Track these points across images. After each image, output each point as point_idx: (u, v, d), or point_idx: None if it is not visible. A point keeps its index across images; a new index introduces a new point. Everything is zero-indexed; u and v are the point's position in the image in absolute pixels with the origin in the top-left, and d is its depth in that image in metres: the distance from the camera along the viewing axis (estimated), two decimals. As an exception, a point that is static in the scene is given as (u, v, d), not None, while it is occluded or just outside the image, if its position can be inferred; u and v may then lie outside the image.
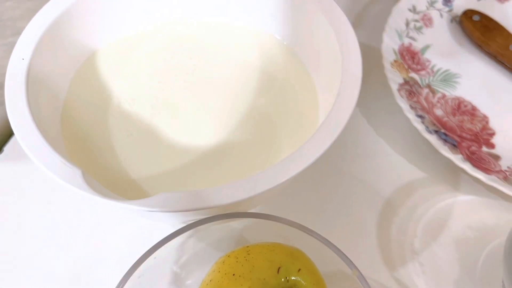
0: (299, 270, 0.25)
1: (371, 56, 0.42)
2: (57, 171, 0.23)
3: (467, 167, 0.33)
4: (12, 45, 0.29)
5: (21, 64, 0.28)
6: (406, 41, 0.41)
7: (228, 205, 0.23)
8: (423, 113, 0.36)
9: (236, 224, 0.28)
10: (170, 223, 0.31)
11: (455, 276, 0.31)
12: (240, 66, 0.35)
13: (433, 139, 0.34)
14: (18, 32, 0.45)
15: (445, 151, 0.33)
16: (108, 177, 0.28)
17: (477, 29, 0.41)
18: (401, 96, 0.36)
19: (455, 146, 0.34)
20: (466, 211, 0.34)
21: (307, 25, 0.33)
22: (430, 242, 0.33)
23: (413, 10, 0.42)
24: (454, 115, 0.38)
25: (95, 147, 0.30)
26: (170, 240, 0.26)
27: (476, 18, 0.42)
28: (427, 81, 0.40)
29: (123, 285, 0.24)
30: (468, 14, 0.42)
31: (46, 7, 0.31)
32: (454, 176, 0.35)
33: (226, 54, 0.35)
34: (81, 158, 0.29)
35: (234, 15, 0.36)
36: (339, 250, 0.25)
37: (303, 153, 0.24)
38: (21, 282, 0.31)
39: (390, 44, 0.39)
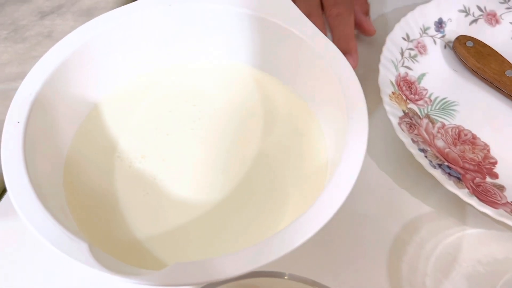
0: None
1: (369, 88, 0.42)
2: (62, 245, 0.22)
3: (474, 202, 0.32)
4: (1, 93, 0.28)
5: (17, 128, 0.27)
6: (402, 71, 0.41)
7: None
8: (425, 146, 0.36)
9: (246, 281, 0.27)
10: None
11: (469, 315, 0.31)
12: (242, 109, 0.34)
13: (438, 174, 0.34)
14: (7, 79, 0.44)
15: (451, 186, 0.33)
16: (115, 239, 0.28)
17: (472, 56, 0.41)
18: (402, 130, 0.36)
19: (459, 180, 0.34)
20: (475, 245, 0.34)
21: (306, 66, 0.33)
22: (442, 279, 0.32)
23: (407, 38, 0.42)
24: (455, 145, 0.38)
25: (101, 207, 0.29)
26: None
27: (469, 44, 0.42)
28: (425, 111, 0.40)
29: None
30: (461, 40, 0.42)
31: (40, 62, 0.30)
32: (460, 209, 0.35)
33: (227, 98, 0.35)
34: (85, 218, 0.28)
35: (231, 57, 0.36)
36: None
37: (317, 212, 0.24)
38: None
39: (386, 76, 0.39)
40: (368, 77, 0.42)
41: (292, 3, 0.33)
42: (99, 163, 0.30)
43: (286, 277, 0.27)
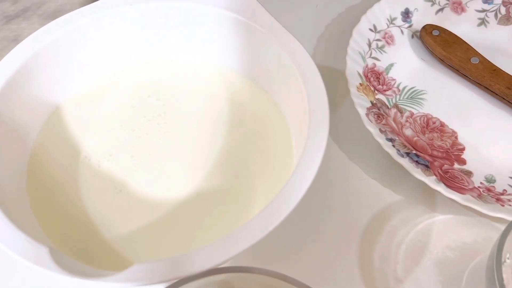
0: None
1: (338, 79, 0.42)
2: (21, 251, 0.22)
3: (441, 188, 0.33)
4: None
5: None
6: (370, 62, 0.41)
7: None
8: (393, 135, 0.36)
9: (216, 277, 0.27)
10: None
11: (440, 300, 0.31)
12: (209, 103, 0.34)
13: (405, 162, 0.34)
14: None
15: (418, 174, 0.33)
16: (83, 241, 0.27)
17: (438, 44, 0.42)
18: (370, 120, 0.36)
19: (427, 167, 0.35)
20: (444, 231, 0.34)
21: (269, 61, 0.33)
22: (413, 267, 0.33)
23: (374, 29, 0.43)
24: (423, 133, 0.38)
25: (68, 210, 0.29)
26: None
27: (436, 33, 0.42)
28: (394, 101, 0.40)
29: None
30: (428, 29, 0.43)
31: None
32: (430, 196, 0.35)
33: (193, 93, 0.35)
34: (51, 223, 0.28)
35: (196, 54, 0.36)
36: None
37: (281, 202, 0.24)
38: None
39: (354, 67, 0.39)
40: (336, 71, 0.43)
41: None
42: (65, 166, 0.30)
43: (256, 272, 0.27)
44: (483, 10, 0.45)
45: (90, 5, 0.33)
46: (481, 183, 0.35)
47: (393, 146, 0.35)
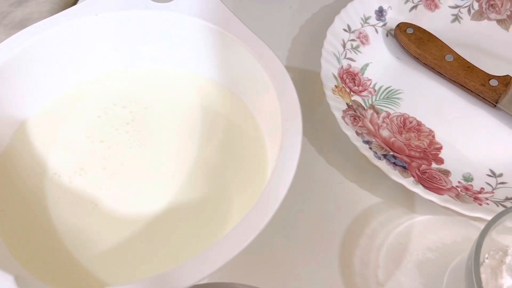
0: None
1: (314, 82, 0.42)
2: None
3: (419, 190, 0.33)
4: None
5: None
6: (345, 63, 0.41)
7: None
8: (369, 137, 0.36)
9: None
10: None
11: (421, 303, 0.31)
12: (182, 112, 0.34)
13: (382, 164, 0.34)
14: None
15: (396, 176, 0.33)
16: (54, 264, 0.27)
17: (412, 42, 0.42)
18: (346, 123, 0.36)
19: (405, 168, 0.34)
20: (424, 232, 0.34)
21: (242, 69, 0.32)
22: (394, 270, 0.33)
23: (349, 29, 0.42)
24: (400, 133, 0.38)
25: (37, 232, 0.28)
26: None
27: (410, 31, 0.42)
28: (370, 102, 0.40)
29: None
30: (402, 27, 0.43)
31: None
32: (408, 197, 0.35)
33: (165, 101, 0.34)
34: (20, 247, 0.27)
35: (168, 62, 0.35)
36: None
37: (257, 214, 0.23)
38: None
39: (329, 69, 0.39)
40: (312, 72, 0.42)
41: (223, 5, 0.32)
42: (33, 184, 0.29)
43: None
44: (456, 6, 0.45)
45: (54, 16, 0.32)
46: (459, 182, 0.35)
47: (370, 148, 0.35)
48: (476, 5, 0.44)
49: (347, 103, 0.38)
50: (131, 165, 0.30)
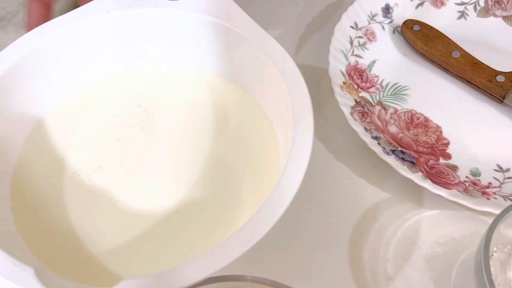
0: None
1: (321, 78, 0.42)
2: (5, 272, 0.22)
3: (427, 185, 0.33)
4: None
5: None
6: (353, 60, 0.41)
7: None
8: (378, 133, 0.36)
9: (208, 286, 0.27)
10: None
11: (431, 296, 0.32)
12: (193, 108, 0.34)
13: (391, 160, 0.34)
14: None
15: (404, 171, 0.34)
16: (70, 258, 0.27)
17: (419, 39, 0.42)
18: (354, 119, 0.36)
19: (413, 164, 0.35)
20: (432, 227, 0.34)
21: (251, 64, 0.32)
22: (403, 264, 0.33)
23: (355, 26, 0.42)
24: (408, 129, 0.38)
25: (53, 228, 0.28)
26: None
27: (416, 28, 0.42)
28: (378, 98, 0.40)
29: None
30: (408, 24, 0.43)
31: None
32: (417, 192, 0.36)
33: (176, 99, 0.35)
34: (37, 242, 0.27)
35: (177, 60, 0.36)
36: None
37: (266, 213, 0.24)
38: None
39: (337, 66, 0.39)
40: (320, 69, 0.43)
41: (233, 2, 0.33)
42: (52, 183, 0.30)
43: (248, 280, 0.27)
44: (462, 3, 0.45)
45: (67, 14, 0.32)
46: (466, 177, 0.35)
47: (379, 144, 0.35)
48: (482, 2, 0.45)
49: (355, 100, 0.38)
50: (147, 162, 0.31)
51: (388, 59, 0.43)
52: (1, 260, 0.22)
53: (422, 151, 0.37)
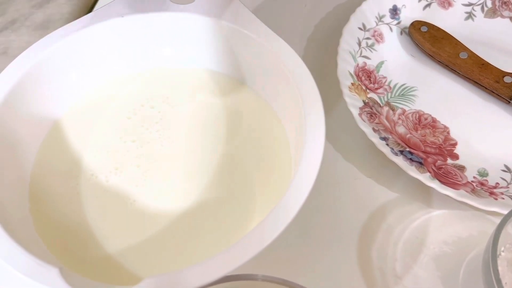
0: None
1: (330, 79, 0.43)
2: (31, 273, 0.23)
3: (435, 185, 0.33)
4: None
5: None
6: (361, 61, 0.41)
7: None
8: (386, 134, 0.37)
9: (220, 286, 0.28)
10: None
11: (439, 295, 0.32)
12: (205, 110, 0.35)
13: (399, 160, 0.35)
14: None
15: (413, 171, 0.34)
16: (89, 258, 0.28)
17: (427, 40, 0.42)
18: (363, 120, 0.36)
19: (421, 164, 0.35)
20: (440, 227, 0.35)
21: (261, 66, 0.33)
22: (411, 264, 0.33)
23: (364, 28, 0.43)
24: (416, 130, 0.39)
25: (72, 229, 0.29)
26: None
27: (424, 29, 0.43)
28: (386, 99, 0.40)
29: None
30: (416, 25, 0.43)
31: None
32: (425, 192, 0.36)
33: (188, 100, 0.35)
34: (56, 242, 0.28)
35: (189, 62, 0.36)
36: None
37: (280, 214, 0.24)
38: None
39: (345, 67, 0.40)
40: (328, 70, 0.43)
41: (242, 5, 0.33)
42: (69, 186, 0.30)
43: (259, 279, 0.27)
44: (470, 4, 0.45)
45: (81, 19, 0.33)
46: (474, 177, 0.36)
47: (387, 144, 0.36)
48: (489, 3, 0.45)
49: (363, 100, 0.39)
50: (162, 162, 0.31)
51: (396, 60, 0.43)
52: (26, 261, 0.23)
53: (430, 151, 0.37)
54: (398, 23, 0.45)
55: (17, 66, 0.31)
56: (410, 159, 0.35)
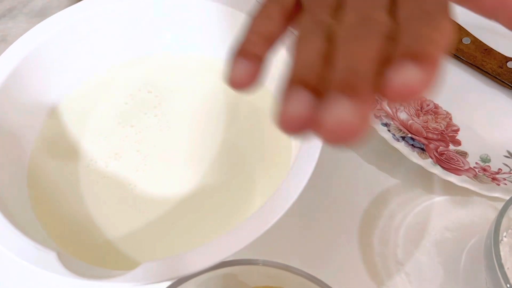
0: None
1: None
2: (29, 257, 0.22)
3: (437, 171, 0.33)
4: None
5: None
6: (362, 47, 0.41)
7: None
8: (388, 120, 0.37)
9: (221, 270, 0.28)
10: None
11: (440, 280, 0.32)
12: (205, 95, 0.34)
13: (401, 146, 0.34)
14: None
15: (415, 157, 0.34)
16: (85, 241, 0.28)
17: (429, 26, 0.42)
18: (365, 106, 0.36)
19: (423, 150, 0.35)
20: (442, 212, 0.35)
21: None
22: (412, 249, 0.33)
23: (365, 13, 0.42)
24: (418, 116, 0.39)
25: (71, 214, 0.29)
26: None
27: (426, 14, 0.42)
28: (387, 85, 0.40)
29: None
30: (418, 11, 0.43)
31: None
32: (427, 179, 0.36)
33: (187, 85, 0.35)
34: (55, 228, 0.28)
35: (189, 47, 0.36)
36: (324, 284, 0.25)
37: (279, 199, 0.24)
38: None
39: (347, 53, 0.39)
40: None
41: None
42: (68, 172, 0.30)
43: (260, 264, 0.27)
44: (473, -11, 0.45)
45: (79, 3, 0.32)
46: (476, 163, 0.36)
47: (389, 130, 0.35)
48: (492, -12, 0.44)
49: (365, 87, 0.38)
50: (162, 148, 0.31)
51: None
52: (25, 246, 0.23)
53: (432, 137, 0.37)
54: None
55: (14, 52, 0.30)
56: (412, 145, 0.35)
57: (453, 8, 0.18)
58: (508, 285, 0.26)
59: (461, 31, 0.41)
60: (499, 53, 0.40)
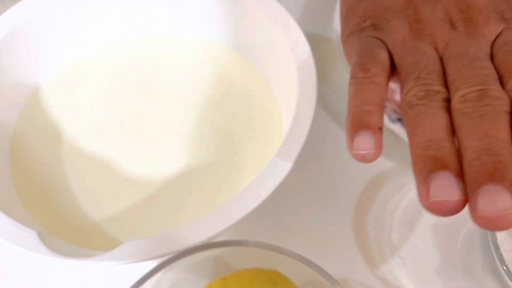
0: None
1: (326, 47, 0.41)
2: (9, 235, 0.22)
3: (433, 153, 0.32)
4: None
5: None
6: (358, 28, 0.40)
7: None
8: (384, 102, 0.36)
9: (210, 252, 0.27)
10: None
11: (436, 264, 0.32)
12: (195, 77, 0.34)
13: (397, 128, 0.34)
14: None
15: (410, 139, 0.33)
16: (71, 224, 0.27)
17: (426, 7, 0.41)
18: (360, 87, 0.35)
19: (419, 132, 0.34)
20: (438, 196, 0.34)
21: (255, 32, 0.32)
22: (408, 233, 0.33)
23: (361, -6, 0.41)
24: (414, 98, 0.38)
25: (54, 195, 0.28)
26: (144, 282, 0.25)
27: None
28: (383, 67, 0.39)
29: None
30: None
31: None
32: (422, 161, 0.35)
33: (177, 67, 0.34)
34: (38, 208, 0.27)
35: (180, 28, 0.35)
36: (317, 266, 0.25)
37: (267, 177, 0.23)
38: None
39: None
40: (324, 37, 0.42)
41: None
42: (50, 152, 0.29)
43: (250, 245, 0.27)
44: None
45: (66, -20, 0.32)
46: (473, 145, 0.35)
47: (384, 112, 0.34)
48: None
49: (360, 68, 0.37)
50: (148, 128, 0.31)
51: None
52: (5, 225, 0.22)
53: (428, 119, 0.36)
54: (397, -11, 0.43)
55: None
56: (408, 126, 0.34)
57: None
58: (504, 267, 0.26)
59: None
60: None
